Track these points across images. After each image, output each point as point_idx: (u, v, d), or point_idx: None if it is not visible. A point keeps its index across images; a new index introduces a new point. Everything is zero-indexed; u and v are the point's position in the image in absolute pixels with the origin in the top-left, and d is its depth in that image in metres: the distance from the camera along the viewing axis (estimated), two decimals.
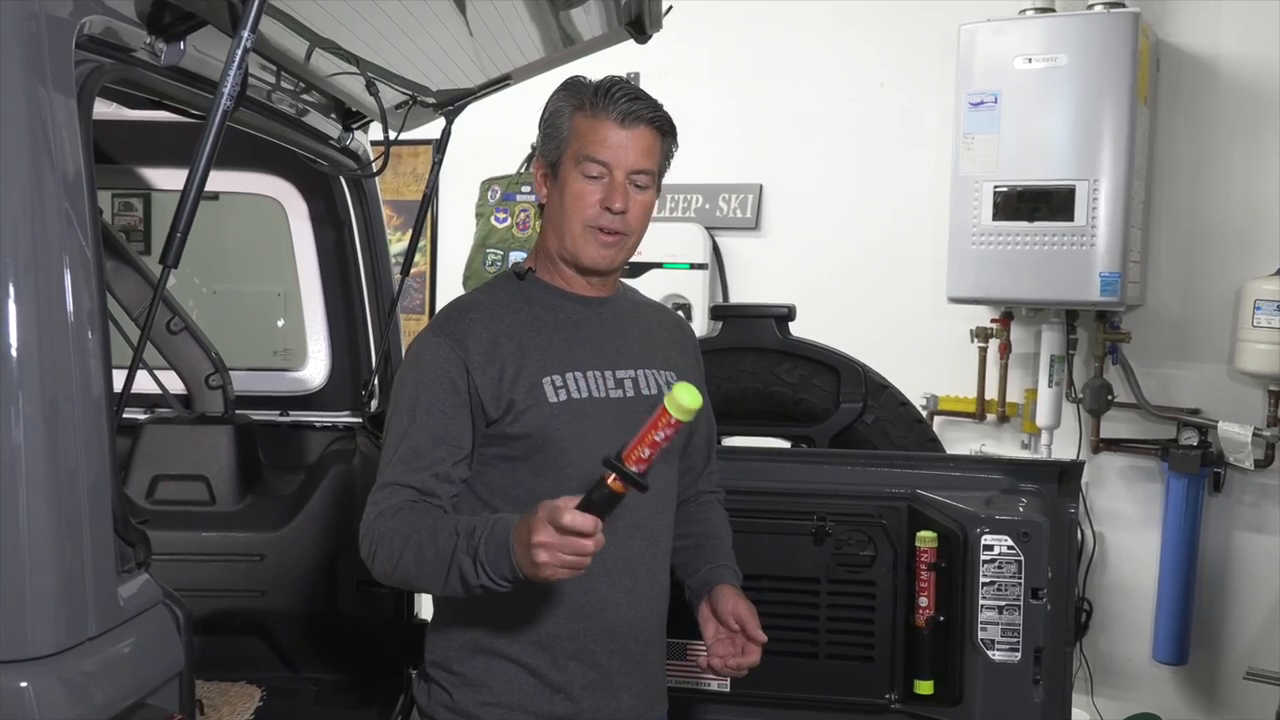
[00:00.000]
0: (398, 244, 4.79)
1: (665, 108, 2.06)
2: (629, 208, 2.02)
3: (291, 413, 3.54)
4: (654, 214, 2.11)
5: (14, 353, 1.41)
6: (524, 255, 4.37)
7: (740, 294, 5.01)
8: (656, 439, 1.76)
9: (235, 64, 1.61)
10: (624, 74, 2.13)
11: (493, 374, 1.99)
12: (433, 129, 3.11)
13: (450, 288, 5.19)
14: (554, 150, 2.05)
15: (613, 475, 1.75)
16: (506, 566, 1.79)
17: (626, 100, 2.00)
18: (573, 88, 2.05)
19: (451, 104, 3.00)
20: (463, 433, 2.00)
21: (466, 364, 1.99)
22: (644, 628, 2.10)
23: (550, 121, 2.06)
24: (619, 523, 1.96)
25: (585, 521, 1.72)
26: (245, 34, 1.60)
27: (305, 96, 2.62)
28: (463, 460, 2.01)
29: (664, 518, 2.15)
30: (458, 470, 2.00)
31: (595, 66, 2.48)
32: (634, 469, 1.75)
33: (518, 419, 1.99)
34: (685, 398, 1.72)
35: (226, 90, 1.62)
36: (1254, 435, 4.10)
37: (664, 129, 2.05)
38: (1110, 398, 4.36)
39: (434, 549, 1.86)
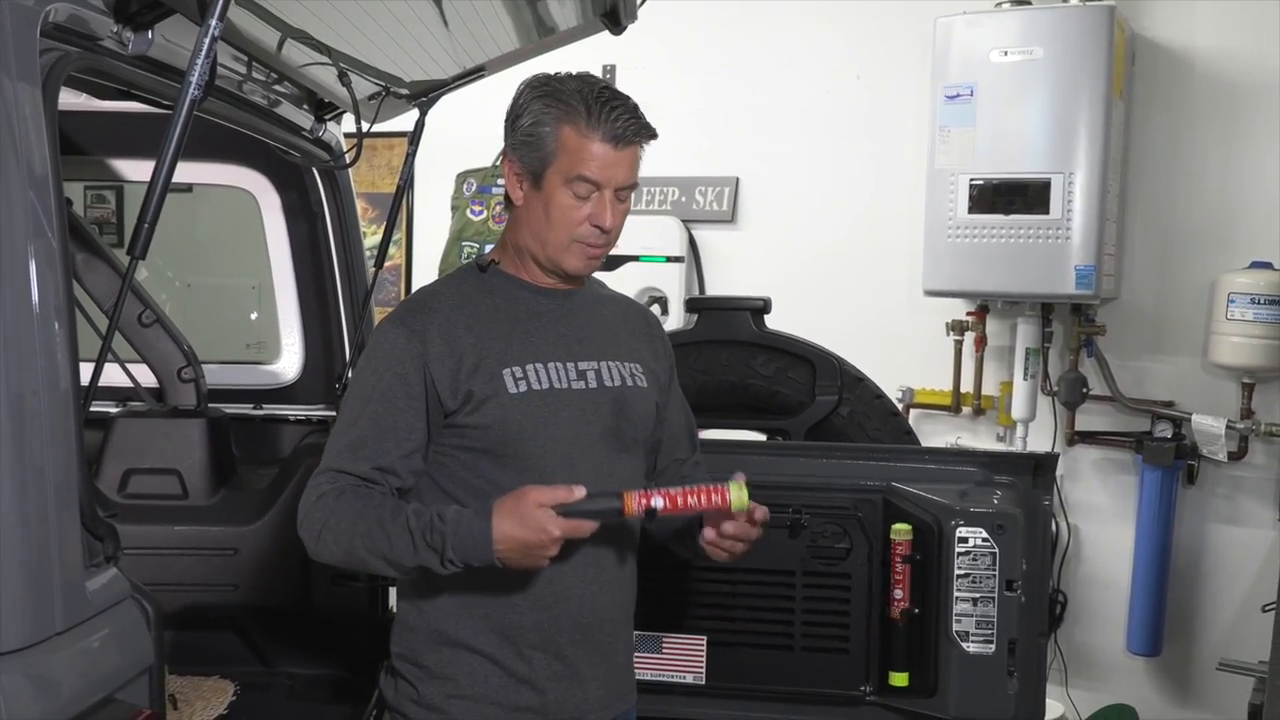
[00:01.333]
0: (372, 237, 4.77)
1: (643, 112, 2.02)
2: (617, 223, 2.03)
3: (265, 406, 3.52)
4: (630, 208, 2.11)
5: None
6: None
7: (717, 287, 5.00)
8: (690, 502, 1.90)
9: (203, 53, 1.60)
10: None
11: (450, 365, 1.98)
12: (407, 121, 3.09)
13: (425, 280, 5.13)
14: (536, 161, 2.00)
15: (636, 502, 1.86)
16: (483, 556, 1.85)
17: (623, 121, 1.96)
18: (556, 97, 1.99)
19: (425, 95, 2.98)
20: (412, 426, 1.99)
21: (424, 356, 1.98)
22: (609, 619, 2.10)
23: (531, 130, 1.99)
24: None
25: (578, 529, 1.84)
26: (213, 23, 1.59)
27: (277, 87, 2.60)
28: (414, 453, 2.00)
29: None
30: (405, 464, 2.00)
31: (570, 57, 2.47)
32: (649, 504, 1.87)
33: (477, 410, 1.98)
34: (741, 494, 1.90)
35: (194, 80, 1.60)
36: (1227, 428, 4.12)
37: (645, 141, 2.03)
38: (1085, 390, 4.38)
39: (388, 543, 1.89)
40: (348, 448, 1.99)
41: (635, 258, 4.91)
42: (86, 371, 1.61)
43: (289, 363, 3.56)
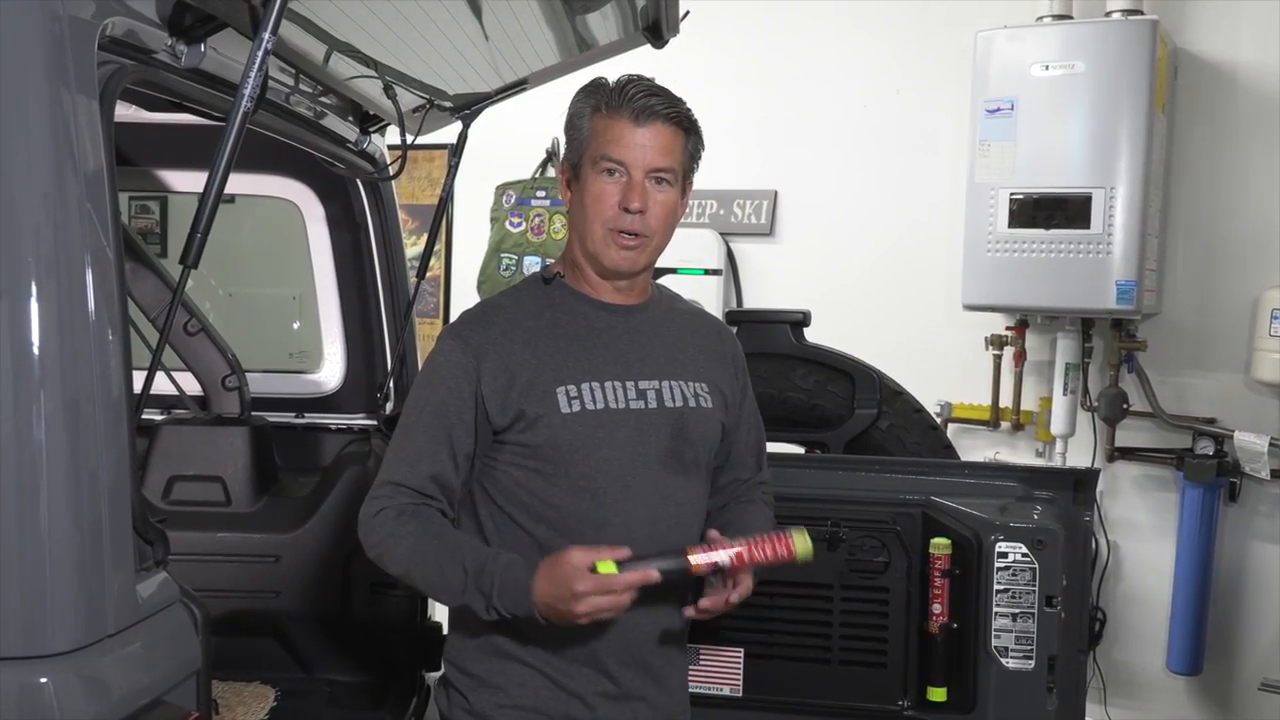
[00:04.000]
0: (413, 248, 4.80)
1: (687, 104, 2.02)
2: (648, 207, 1.97)
3: (307, 415, 3.54)
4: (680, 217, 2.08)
5: (36, 352, 1.42)
6: (538, 260, 4.39)
7: (755, 300, 5.01)
8: (756, 555, 1.88)
9: (255, 66, 1.62)
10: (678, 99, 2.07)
11: (502, 382, 1.96)
12: (449, 133, 3.11)
13: (464, 291, 5.20)
14: (574, 152, 2.02)
15: (700, 557, 1.85)
16: (523, 608, 1.87)
17: (642, 96, 1.96)
18: (592, 89, 2.03)
19: (468, 108, 3.01)
20: (463, 440, 1.99)
21: (477, 371, 1.97)
22: (659, 642, 2.06)
23: (571, 124, 2.03)
24: (635, 535, 1.95)
25: (636, 579, 1.82)
26: (266, 36, 1.61)
27: (323, 99, 2.63)
28: (465, 463, 2.01)
29: (687, 533, 2.05)
30: (459, 475, 2.01)
31: (611, 71, 2.48)
32: (715, 563, 1.86)
33: (529, 428, 1.96)
34: (806, 543, 1.89)
35: (247, 92, 1.63)
36: (1270, 445, 4.08)
37: (684, 125, 2.00)
38: (1125, 406, 4.34)
39: (440, 576, 1.93)
40: (406, 461, 2.00)
41: (673, 270, 4.91)
42: (137, 379, 1.63)
43: (331, 372, 3.58)
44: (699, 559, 1.87)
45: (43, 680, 1.41)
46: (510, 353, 1.98)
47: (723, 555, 1.87)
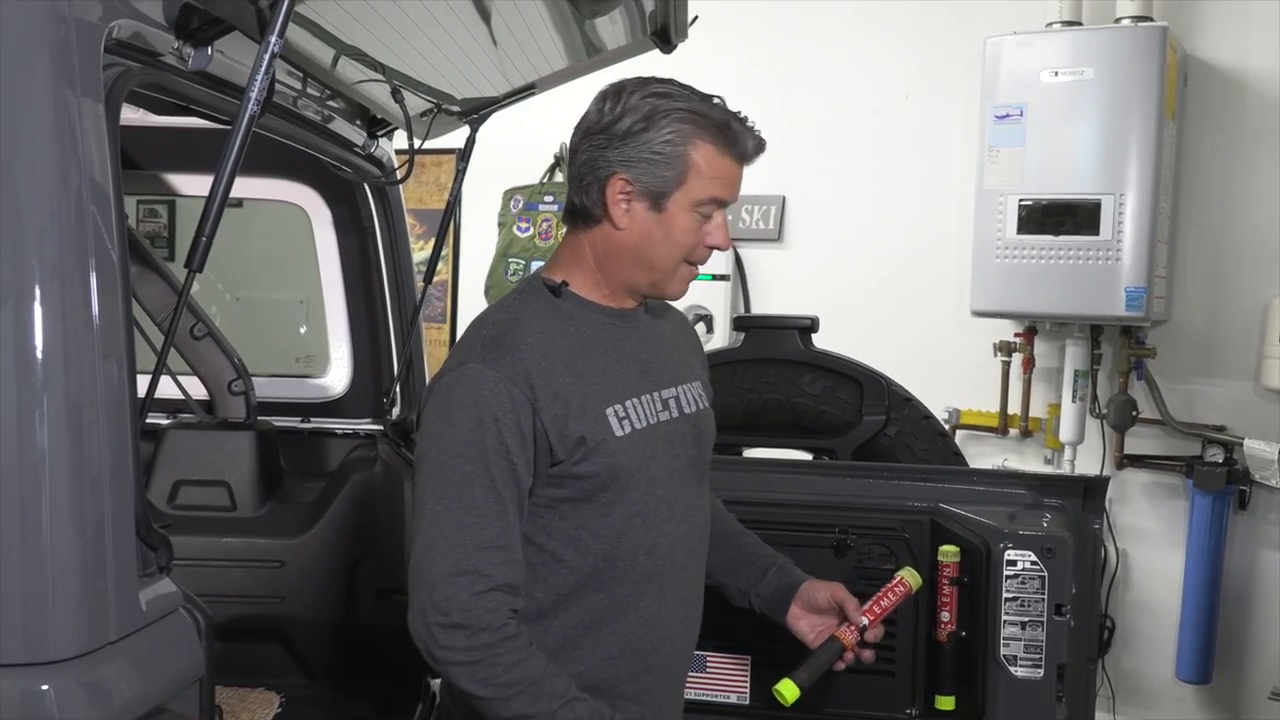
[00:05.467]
0: (420, 252, 4.80)
1: None
2: None
3: (313, 419, 3.54)
4: None
5: (39, 356, 1.41)
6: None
7: (762, 305, 5.00)
8: (887, 608, 2.15)
9: (263, 69, 1.61)
10: None
11: (558, 409, 1.77)
12: (456, 138, 3.11)
13: (472, 296, 5.20)
14: (663, 181, 1.81)
15: (849, 635, 2.05)
16: None
17: (754, 137, 1.88)
18: (693, 114, 1.82)
19: (476, 112, 3.00)
20: (528, 488, 1.78)
21: (532, 399, 1.75)
22: (691, 655, 2.06)
23: (662, 149, 1.80)
24: (679, 554, 1.92)
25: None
26: (273, 39, 1.60)
27: (331, 103, 2.63)
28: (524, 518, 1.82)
29: (707, 542, 2.08)
30: (521, 532, 1.80)
31: (619, 75, 2.47)
32: (861, 635, 2.07)
33: (587, 458, 1.79)
34: (915, 576, 2.18)
35: (254, 95, 1.62)
36: None
37: None
38: (1135, 413, 4.33)
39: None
40: (487, 549, 1.72)
41: None
42: (142, 383, 1.62)
43: (337, 377, 3.58)
44: (849, 637, 2.07)
45: (44, 687, 1.40)
46: (554, 375, 1.79)
47: (864, 619, 2.09)
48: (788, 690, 1.97)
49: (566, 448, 1.77)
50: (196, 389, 3.41)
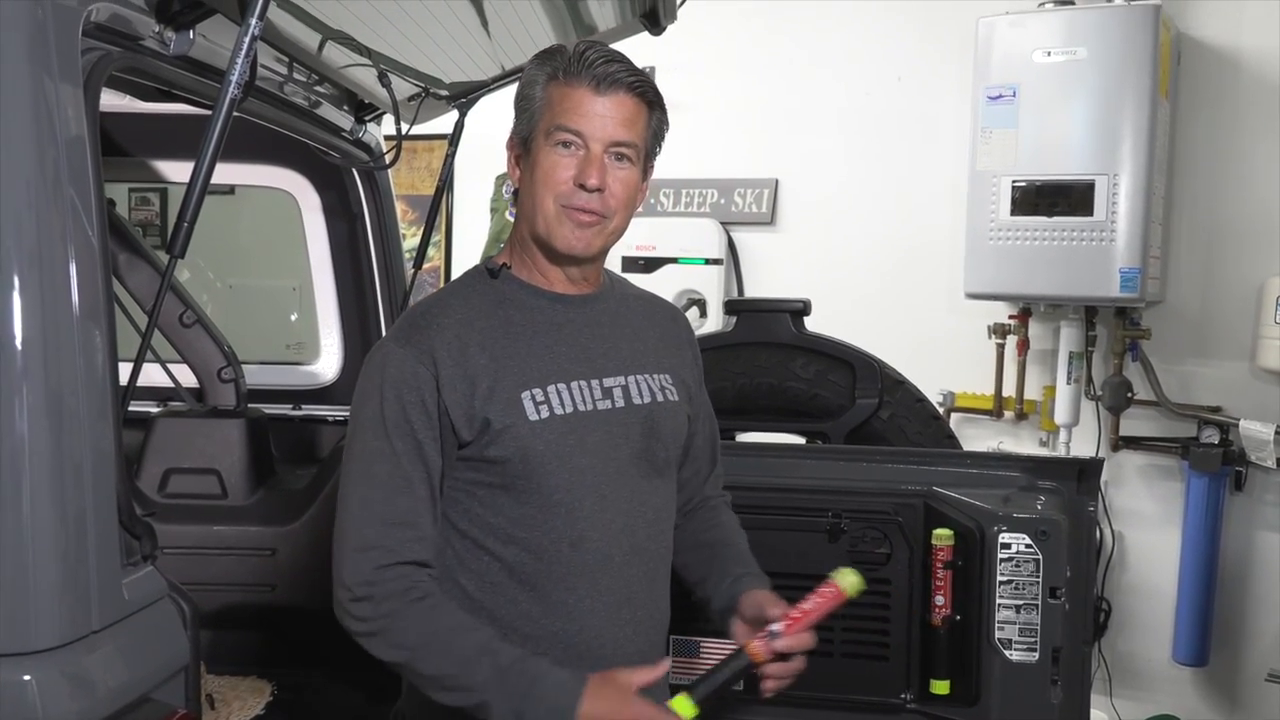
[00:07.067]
0: (411, 239, 4.78)
1: (649, 77, 1.86)
2: (606, 184, 1.80)
3: (304, 406, 3.54)
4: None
5: (18, 344, 1.40)
6: None
7: (755, 289, 4.98)
8: (812, 616, 1.87)
9: (243, 52, 1.60)
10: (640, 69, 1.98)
11: (463, 390, 1.77)
12: (446, 123, 3.09)
13: None
14: (525, 125, 1.84)
15: (759, 646, 1.81)
16: None
17: (603, 62, 1.78)
18: (547, 55, 1.84)
19: (464, 96, 2.98)
20: (438, 459, 1.79)
21: (436, 378, 1.77)
22: (646, 662, 1.84)
23: (522, 93, 1.85)
24: (614, 550, 1.85)
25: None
26: (253, 22, 1.59)
27: (317, 88, 2.61)
28: (437, 492, 1.82)
29: (663, 540, 1.97)
30: (437, 509, 1.82)
31: None
32: (774, 646, 1.83)
33: (494, 441, 1.77)
34: (852, 579, 1.90)
35: (234, 79, 1.60)
36: (1276, 433, 4.05)
37: (648, 97, 1.83)
38: (1130, 395, 4.32)
39: (459, 668, 1.73)
40: (394, 525, 1.76)
41: (674, 260, 4.90)
42: (127, 371, 1.61)
43: (328, 363, 3.57)
44: (758, 647, 1.83)
45: (26, 678, 1.39)
46: (466, 356, 1.79)
47: (778, 627, 1.84)
48: (681, 708, 1.75)
49: (473, 429, 1.77)
50: (186, 377, 3.40)
